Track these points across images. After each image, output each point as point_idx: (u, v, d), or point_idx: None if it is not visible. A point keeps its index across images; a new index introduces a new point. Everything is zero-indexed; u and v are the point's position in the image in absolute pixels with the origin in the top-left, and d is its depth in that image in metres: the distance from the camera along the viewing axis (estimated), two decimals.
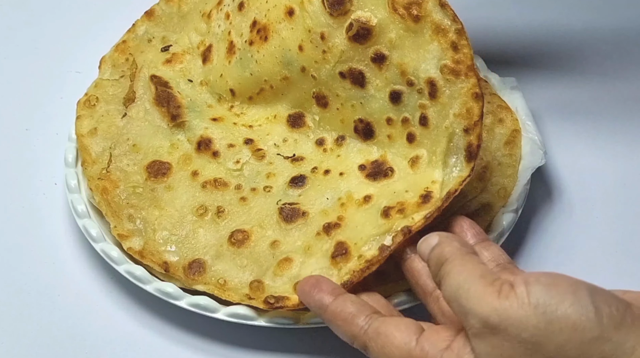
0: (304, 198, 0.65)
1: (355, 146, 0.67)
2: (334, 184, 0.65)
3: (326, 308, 0.55)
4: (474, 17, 0.89)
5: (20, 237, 0.71)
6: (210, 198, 0.67)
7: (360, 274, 0.58)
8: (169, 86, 0.74)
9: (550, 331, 0.43)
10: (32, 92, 0.84)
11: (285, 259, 0.62)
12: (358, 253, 0.60)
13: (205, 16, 0.78)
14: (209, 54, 0.76)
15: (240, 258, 0.63)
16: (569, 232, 0.72)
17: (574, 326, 0.43)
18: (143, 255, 0.63)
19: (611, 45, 0.92)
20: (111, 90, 0.75)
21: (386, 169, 0.65)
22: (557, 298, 0.44)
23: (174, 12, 0.81)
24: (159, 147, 0.70)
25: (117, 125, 0.72)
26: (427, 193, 0.61)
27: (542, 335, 0.43)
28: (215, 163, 0.69)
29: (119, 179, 0.68)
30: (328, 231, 0.62)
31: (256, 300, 0.60)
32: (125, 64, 0.77)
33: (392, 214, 0.61)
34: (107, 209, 0.66)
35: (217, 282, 0.62)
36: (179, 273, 0.62)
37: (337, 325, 0.55)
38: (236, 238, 0.64)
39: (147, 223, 0.65)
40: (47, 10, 0.93)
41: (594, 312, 0.43)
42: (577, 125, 0.82)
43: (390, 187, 0.63)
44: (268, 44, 0.70)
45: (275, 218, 0.64)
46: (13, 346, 0.64)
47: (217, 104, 0.74)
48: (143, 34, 0.79)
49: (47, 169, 0.76)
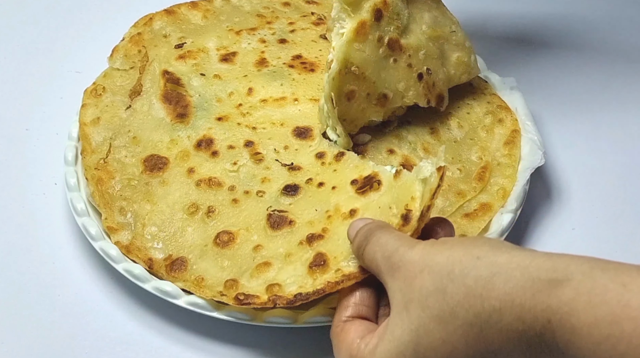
0: (294, 207, 0.65)
1: (353, 162, 0.67)
2: (325, 197, 0.65)
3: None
4: (473, 13, 0.89)
5: (20, 237, 0.71)
6: (202, 197, 0.67)
7: (334, 286, 0.58)
8: (181, 83, 0.74)
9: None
10: (32, 92, 0.84)
11: (264, 263, 0.62)
12: (336, 267, 0.59)
13: (232, 32, 0.80)
14: (233, 57, 0.77)
15: (222, 259, 0.63)
16: (569, 232, 0.72)
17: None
18: (129, 250, 0.64)
19: (611, 45, 0.92)
20: (119, 81, 0.75)
21: (374, 181, 0.64)
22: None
23: (196, 20, 0.82)
24: (158, 142, 0.70)
25: (120, 116, 0.72)
26: (407, 213, 0.60)
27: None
28: (213, 162, 0.69)
29: (116, 170, 0.68)
30: (310, 241, 0.62)
31: (228, 296, 0.60)
32: (137, 55, 0.77)
33: None
34: (100, 200, 0.67)
35: (195, 280, 0.62)
36: (162, 270, 0.63)
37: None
38: (221, 239, 0.64)
39: (138, 217, 0.66)
40: (47, 10, 0.94)
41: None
42: (577, 125, 0.82)
43: (375, 202, 0.63)
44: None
45: (263, 224, 0.64)
46: (13, 346, 0.64)
47: (228, 98, 0.74)
48: (159, 29, 0.79)
49: (47, 168, 0.76)
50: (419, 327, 0.49)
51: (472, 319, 0.46)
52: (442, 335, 0.48)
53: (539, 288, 0.44)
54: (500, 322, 0.45)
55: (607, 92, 0.86)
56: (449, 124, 0.75)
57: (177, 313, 0.64)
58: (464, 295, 0.47)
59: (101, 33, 0.87)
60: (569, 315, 0.43)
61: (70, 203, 0.68)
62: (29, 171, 0.76)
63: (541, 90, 0.84)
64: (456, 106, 0.77)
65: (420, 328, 0.48)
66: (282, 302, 0.58)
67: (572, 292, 0.43)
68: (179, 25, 0.81)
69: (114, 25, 0.82)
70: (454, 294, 0.47)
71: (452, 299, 0.47)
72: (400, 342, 0.49)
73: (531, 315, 0.44)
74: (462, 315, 0.47)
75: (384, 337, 0.51)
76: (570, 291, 0.43)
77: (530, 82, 0.82)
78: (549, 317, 0.44)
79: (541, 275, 0.45)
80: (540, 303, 0.44)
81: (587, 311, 0.42)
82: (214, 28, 0.81)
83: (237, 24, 0.81)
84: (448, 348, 0.48)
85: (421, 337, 0.48)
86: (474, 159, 0.73)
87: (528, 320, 0.44)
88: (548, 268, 0.45)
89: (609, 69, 0.89)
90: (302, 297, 0.58)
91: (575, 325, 0.43)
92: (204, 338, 0.64)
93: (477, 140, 0.74)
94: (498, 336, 0.46)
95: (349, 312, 0.56)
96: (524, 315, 0.45)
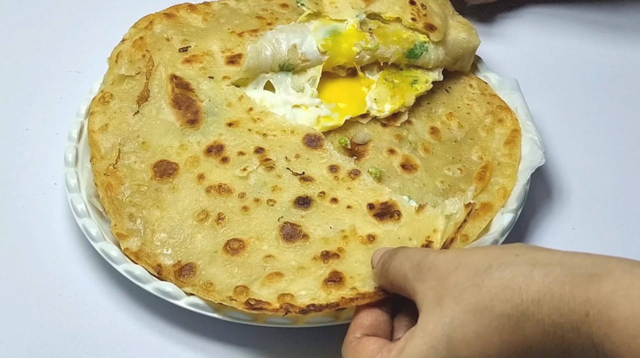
0: (306, 220, 0.65)
1: (369, 184, 0.67)
2: (339, 215, 0.66)
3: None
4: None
5: (20, 237, 0.71)
6: (212, 203, 0.66)
7: (348, 302, 0.58)
8: (190, 88, 0.73)
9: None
10: (32, 92, 0.84)
11: (275, 273, 0.61)
12: (352, 285, 0.60)
13: (234, 34, 0.79)
14: (239, 59, 0.76)
15: (232, 266, 0.62)
16: (569, 232, 0.73)
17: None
18: (139, 257, 0.63)
19: (611, 44, 0.92)
20: (127, 87, 0.75)
21: (394, 211, 0.65)
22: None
23: (197, 23, 0.81)
24: (168, 147, 0.70)
25: (128, 122, 0.72)
26: (427, 244, 0.62)
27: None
28: (223, 168, 0.68)
29: (125, 176, 0.68)
30: (325, 259, 0.62)
31: (237, 301, 0.60)
32: (142, 60, 0.76)
33: None
34: (109, 206, 0.66)
35: (203, 284, 0.61)
36: (170, 276, 0.62)
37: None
38: (232, 246, 0.63)
39: (147, 223, 0.65)
40: (47, 10, 0.93)
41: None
42: (577, 125, 0.83)
43: (395, 232, 0.64)
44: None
45: (275, 234, 0.64)
46: (13, 346, 0.64)
47: (238, 101, 0.73)
48: (160, 32, 0.79)
49: (47, 168, 0.76)
50: (453, 320, 0.48)
51: (509, 311, 0.46)
52: (476, 328, 0.47)
53: (578, 282, 0.44)
54: (539, 313, 0.45)
55: (607, 92, 0.86)
56: (449, 124, 0.75)
57: (177, 313, 0.64)
58: (501, 288, 0.46)
59: (101, 33, 0.87)
60: (607, 308, 0.43)
61: (70, 204, 0.68)
62: (29, 171, 0.76)
63: (541, 90, 0.84)
64: (456, 106, 0.77)
65: (455, 321, 0.48)
66: (295, 310, 0.58)
67: (611, 285, 0.43)
68: (179, 29, 0.80)
69: (114, 25, 0.82)
70: (491, 287, 0.47)
71: (489, 292, 0.47)
72: (433, 337, 0.48)
73: (569, 308, 0.44)
74: (498, 307, 0.46)
75: (413, 336, 0.50)
76: (610, 285, 0.43)
77: (531, 82, 0.82)
78: (587, 310, 0.43)
79: (581, 270, 0.45)
80: (579, 296, 0.44)
81: (625, 304, 0.42)
82: (215, 31, 0.80)
83: (238, 26, 0.81)
84: (481, 342, 0.47)
85: (455, 330, 0.47)
86: (475, 158, 0.73)
87: (566, 313, 0.44)
88: (588, 265, 0.45)
89: (609, 68, 0.89)
90: (315, 308, 0.58)
91: (612, 318, 0.43)
92: (204, 338, 0.64)
93: (477, 140, 0.74)
94: (534, 329, 0.45)
95: (364, 331, 0.55)
96: (562, 308, 0.44)
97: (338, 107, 0.74)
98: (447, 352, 0.48)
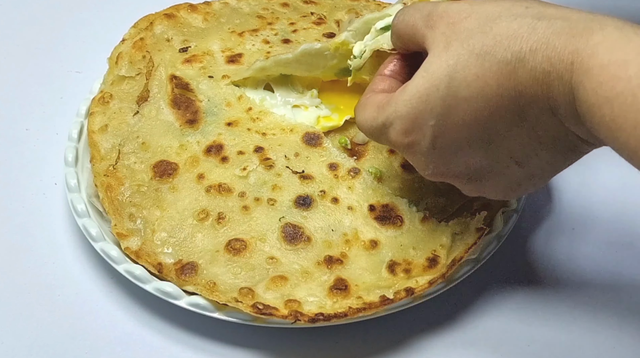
0: (307, 221, 0.65)
1: (370, 184, 0.68)
2: (341, 216, 0.66)
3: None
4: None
5: (20, 237, 0.71)
6: (212, 203, 0.66)
7: (355, 312, 0.59)
8: (190, 88, 0.73)
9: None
10: (32, 92, 0.84)
11: (279, 276, 0.61)
12: (357, 295, 0.60)
13: (235, 33, 0.79)
14: (239, 59, 0.76)
15: (234, 266, 0.62)
16: (569, 232, 0.72)
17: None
18: (139, 256, 0.63)
19: None
20: (126, 87, 0.75)
21: (395, 216, 0.65)
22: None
23: (197, 23, 0.81)
24: (167, 147, 0.70)
25: (127, 122, 0.72)
26: (434, 257, 0.62)
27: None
28: (223, 168, 0.68)
29: (125, 177, 0.68)
30: (329, 264, 0.62)
31: (244, 304, 0.60)
32: (142, 61, 0.76)
33: (398, 272, 0.62)
34: (109, 206, 0.66)
35: (207, 284, 0.61)
36: (171, 274, 0.62)
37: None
38: (234, 246, 0.63)
39: (147, 223, 0.65)
40: (47, 10, 0.93)
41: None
42: None
43: (397, 239, 0.64)
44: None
45: (277, 235, 0.64)
46: (13, 346, 0.64)
47: (237, 101, 0.73)
48: (161, 33, 0.79)
49: (47, 168, 0.76)
50: (457, 62, 0.50)
51: (508, 57, 0.48)
52: (477, 70, 0.49)
53: (574, 33, 0.46)
54: (532, 61, 0.47)
55: None
56: None
57: (177, 313, 0.64)
58: (506, 36, 0.49)
59: (101, 33, 0.87)
60: (589, 57, 0.45)
61: (70, 204, 0.68)
62: (29, 171, 0.76)
63: None
64: None
65: (458, 63, 0.50)
66: (304, 319, 0.58)
67: (599, 38, 0.45)
68: (180, 29, 0.80)
69: (114, 25, 0.82)
70: (497, 35, 0.49)
71: (494, 39, 0.49)
72: (435, 76, 0.51)
73: (559, 57, 0.46)
74: (500, 53, 0.49)
75: (416, 76, 0.52)
76: (598, 37, 0.46)
77: None
78: (573, 59, 0.46)
79: (579, 24, 0.47)
80: (570, 45, 0.46)
81: (604, 54, 0.45)
82: (216, 30, 0.80)
83: (239, 26, 0.81)
84: (480, 83, 0.49)
85: (457, 71, 0.50)
86: None
87: (555, 61, 0.47)
88: (587, 19, 0.47)
89: None
90: (324, 317, 0.59)
91: (590, 66, 0.45)
92: (204, 338, 0.64)
93: None
94: (527, 76, 0.48)
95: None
96: (553, 57, 0.47)
97: (338, 107, 0.74)
98: (447, 91, 0.51)
